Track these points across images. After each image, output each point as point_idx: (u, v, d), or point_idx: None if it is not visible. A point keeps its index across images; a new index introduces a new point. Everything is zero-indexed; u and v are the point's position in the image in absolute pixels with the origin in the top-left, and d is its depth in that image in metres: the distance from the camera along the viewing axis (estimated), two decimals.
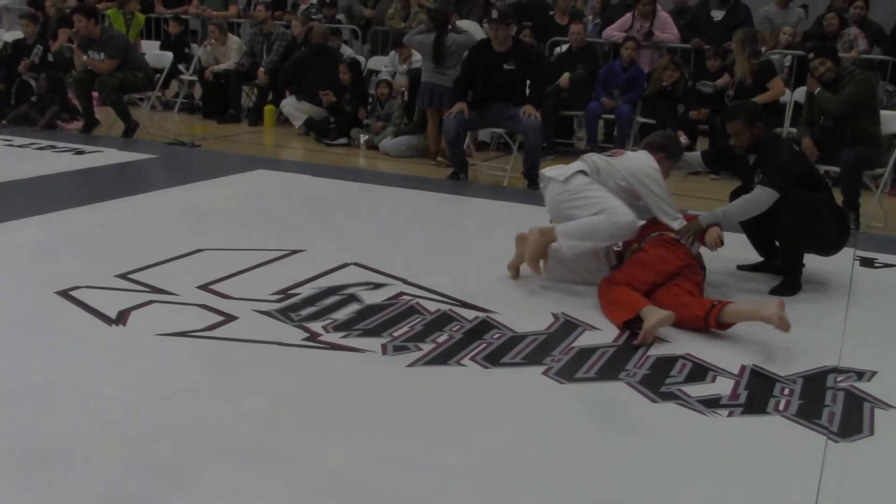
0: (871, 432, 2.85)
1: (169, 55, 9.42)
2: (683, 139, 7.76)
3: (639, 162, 4.22)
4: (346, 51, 9.63)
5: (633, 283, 3.79)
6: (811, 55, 6.07)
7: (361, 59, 9.57)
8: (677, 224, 4.11)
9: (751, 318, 3.56)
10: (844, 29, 8.13)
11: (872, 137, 5.82)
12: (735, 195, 4.38)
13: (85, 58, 8.18)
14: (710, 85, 7.73)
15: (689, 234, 4.11)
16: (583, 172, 4.16)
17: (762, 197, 4.10)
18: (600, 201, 4.06)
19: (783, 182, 4.10)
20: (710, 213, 4.21)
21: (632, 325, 3.60)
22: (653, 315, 3.52)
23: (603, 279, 3.97)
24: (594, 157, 4.25)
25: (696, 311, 3.61)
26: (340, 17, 10.41)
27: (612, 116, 8.27)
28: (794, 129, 7.52)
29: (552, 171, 4.26)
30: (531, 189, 6.52)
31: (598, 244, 4.13)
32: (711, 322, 3.57)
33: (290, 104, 9.10)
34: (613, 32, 8.76)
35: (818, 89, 5.82)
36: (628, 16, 8.78)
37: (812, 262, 4.40)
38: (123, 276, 4.03)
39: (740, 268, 4.56)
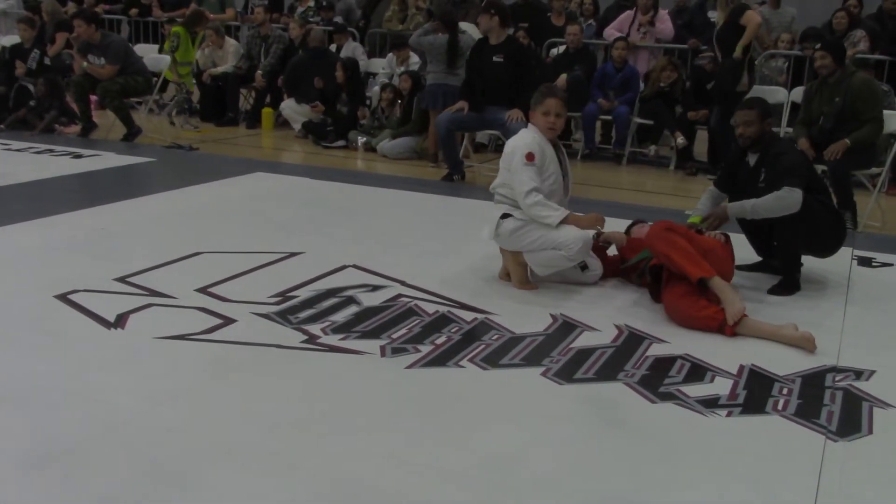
0: (870, 431, 2.85)
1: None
2: (681, 140, 7.78)
3: (511, 144, 4.21)
4: (351, 46, 9.61)
5: (689, 237, 3.90)
6: (818, 45, 6.07)
7: (363, 59, 9.56)
8: (530, 199, 4.01)
9: (768, 337, 3.59)
10: (852, 30, 8.10)
11: (879, 128, 5.83)
12: (733, 197, 4.39)
13: (85, 64, 8.18)
14: (707, 57, 7.76)
15: (714, 220, 4.20)
16: (505, 216, 4.16)
17: (793, 197, 4.05)
18: (545, 239, 4.05)
19: (802, 180, 4.12)
20: (739, 206, 4.18)
21: (703, 284, 3.71)
22: (734, 298, 3.65)
23: (659, 224, 4.00)
24: (500, 190, 4.22)
25: (715, 318, 3.64)
26: (338, 19, 10.42)
27: (610, 118, 8.29)
28: (791, 130, 7.55)
29: (484, 232, 4.29)
30: None
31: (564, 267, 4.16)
32: (727, 330, 3.61)
33: (289, 107, 9.12)
34: (614, 32, 8.77)
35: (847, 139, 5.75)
36: (628, 14, 8.79)
37: (810, 261, 4.40)
38: (122, 280, 4.03)
39: (739, 268, 4.56)
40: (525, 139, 4.16)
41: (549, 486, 2.45)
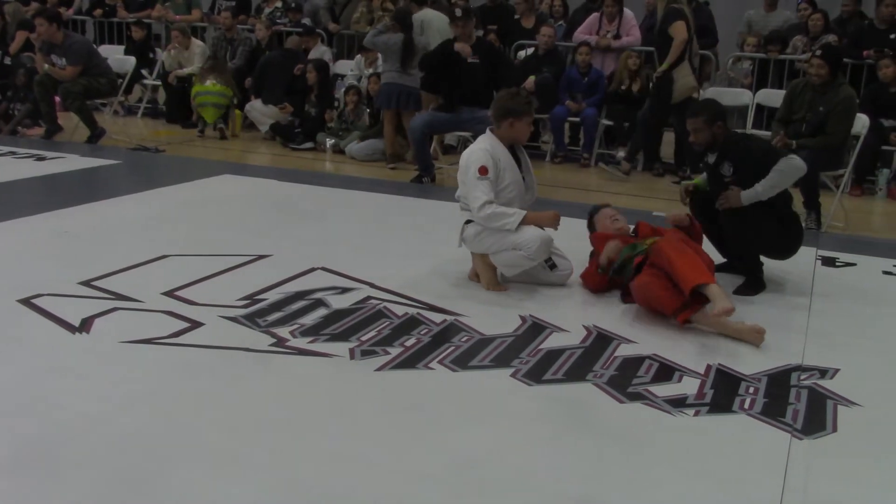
0: (835, 429, 2.89)
1: (132, 60, 9.32)
2: (622, 155, 7.82)
3: (465, 157, 4.17)
4: (320, 49, 9.58)
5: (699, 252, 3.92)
6: (818, 52, 6.01)
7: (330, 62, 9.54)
8: (484, 212, 4.00)
9: (718, 328, 3.64)
10: (826, 34, 8.19)
11: (836, 143, 5.91)
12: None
13: (47, 66, 8.07)
14: None
15: (726, 203, 4.19)
16: (468, 221, 4.20)
17: (793, 163, 4.11)
18: (505, 241, 4.07)
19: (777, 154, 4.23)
20: (752, 191, 4.12)
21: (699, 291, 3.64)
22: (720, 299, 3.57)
23: (676, 234, 4.02)
24: (462, 200, 4.24)
25: (676, 299, 3.65)
26: (306, 21, 10.37)
27: (578, 119, 8.33)
28: (756, 132, 7.64)
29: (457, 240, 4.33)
30: None
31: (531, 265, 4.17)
32: (679, 317, 3.64)
33: (256, 108, 9.05)
34: (582, 35, 8.80)
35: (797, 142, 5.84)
36: (595, 16, 8.82)
37: (774, 261, 4.45)
38: (87, 283, 3.98)
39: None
40: (477, 151, 4.12)
41: (519, 486, 2.45)
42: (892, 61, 7.18)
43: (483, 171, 4.05)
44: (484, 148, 4.13)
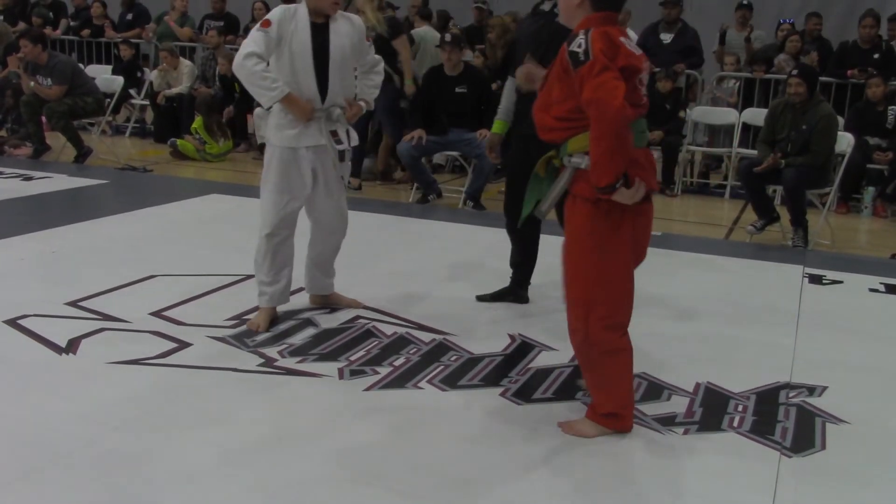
0: (823, 447, 2.90)
1: (119, 79, 9.31)
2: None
3: None
4: None
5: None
6: (794, 71, 6.10)
7: None
8: (246, 63, 3.38)
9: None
10: (804, 53, 8.26)
11: (821, 160, 5.96)
12: None
13: (32, 84, 8.06)
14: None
15: None
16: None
17: None
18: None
19: None
20: None
21: None
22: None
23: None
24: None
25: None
26: None
27: None
28: (742, 150, 7.69)
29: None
30: (476, 210, 6.61)
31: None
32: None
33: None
34: None
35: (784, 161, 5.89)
36: None
37: (762, 279, 4.47)
38: (74, 304, 3.96)
39: (480, 298, 4.29)
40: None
41: None
42: (881, 80, 7.26)
43: (266, 23, 3.45)
44: (284, 7, 3.48)
